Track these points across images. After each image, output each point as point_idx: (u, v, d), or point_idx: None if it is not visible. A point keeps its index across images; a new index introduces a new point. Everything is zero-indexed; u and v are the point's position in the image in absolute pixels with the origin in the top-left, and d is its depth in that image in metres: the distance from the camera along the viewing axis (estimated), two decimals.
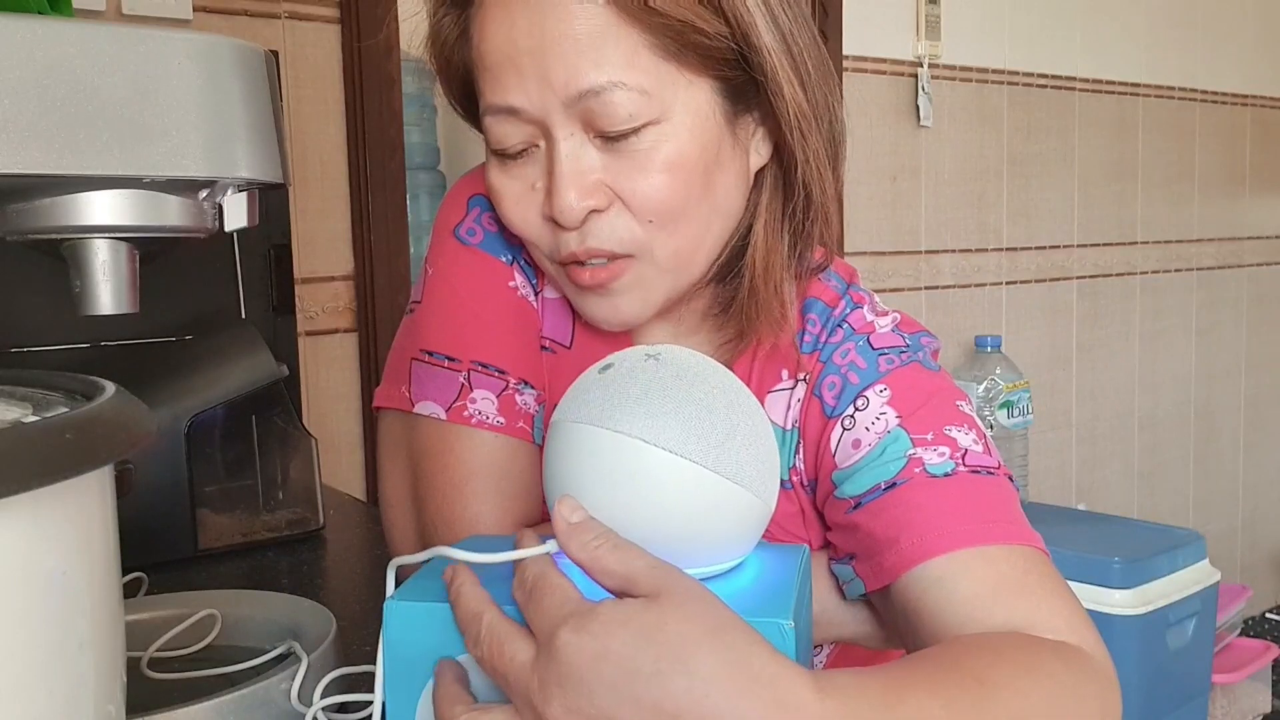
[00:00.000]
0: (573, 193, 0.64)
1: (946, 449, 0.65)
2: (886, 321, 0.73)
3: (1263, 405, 3.40)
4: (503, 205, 0.69)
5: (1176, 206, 3.08)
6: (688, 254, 0.68)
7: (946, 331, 2.53)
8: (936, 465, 0.64)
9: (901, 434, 0.66)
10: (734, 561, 0.53)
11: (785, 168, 0.69)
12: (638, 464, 0.49)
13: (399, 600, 0.50)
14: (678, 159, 0.64)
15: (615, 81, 0.62)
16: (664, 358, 0.53)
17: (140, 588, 0.88)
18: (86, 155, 0.41)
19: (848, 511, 0.67)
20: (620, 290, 0.67)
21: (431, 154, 2.47)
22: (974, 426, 0.67)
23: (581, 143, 0.64)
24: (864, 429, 0.67)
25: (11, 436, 0.37)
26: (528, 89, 0.63)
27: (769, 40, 0.65)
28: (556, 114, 0.64)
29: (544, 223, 0.67)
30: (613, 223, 0.65)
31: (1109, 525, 2.28)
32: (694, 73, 0.64)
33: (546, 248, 0.68)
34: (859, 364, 0.70)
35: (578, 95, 0.62)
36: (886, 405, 0.67)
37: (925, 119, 2.43)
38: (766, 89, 0.66)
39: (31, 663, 0.39)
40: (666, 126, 0.64)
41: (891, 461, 0.65)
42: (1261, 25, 3.25)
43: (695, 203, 0.66)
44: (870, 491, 0.65)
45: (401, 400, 0.75)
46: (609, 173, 0.64)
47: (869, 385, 0.69)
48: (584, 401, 0.52)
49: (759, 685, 0.42)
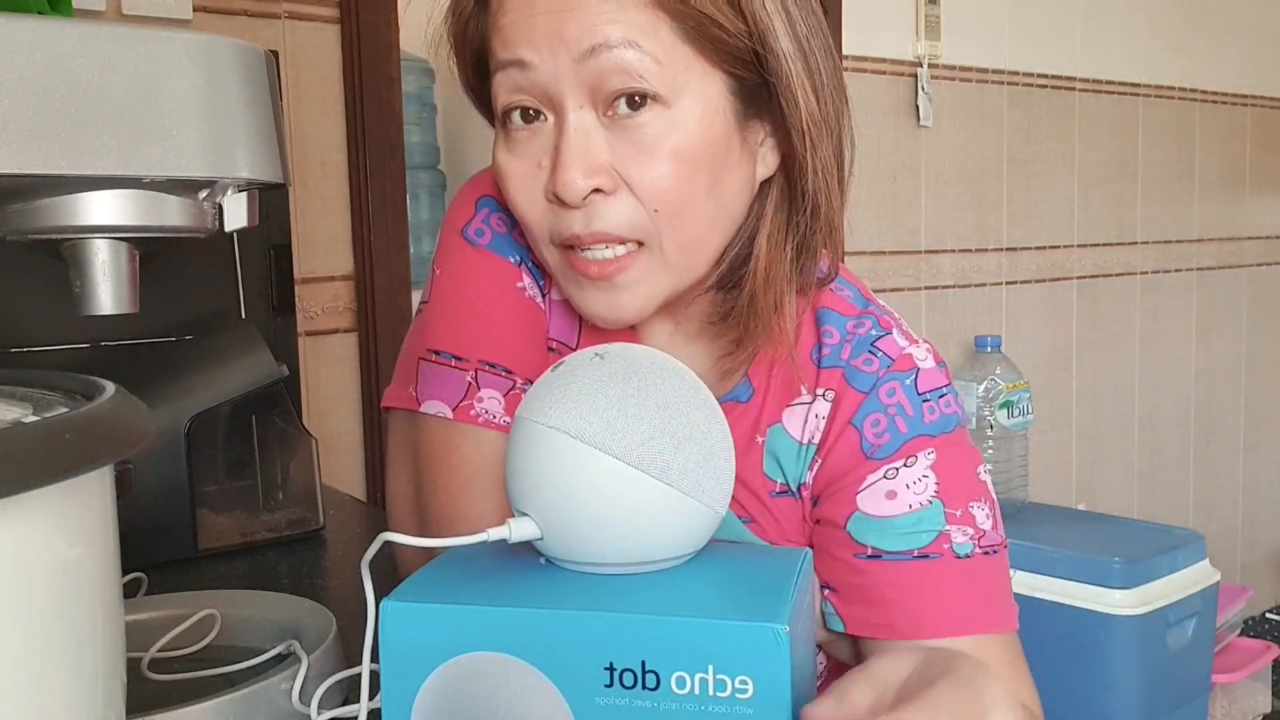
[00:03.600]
0: (577, 168, 0.64)
1: (970, 529, 0.70)
2: (923, 353, 0.73)
3: (1263, 405, 3.40)
4: (508, 184, 0.68)
5: (1176, 206, 3.08)
6: (692, 250, 0.67)
7: (946, 331, 2.53)
8: (961, 545, 0.69)
9: (939, 507, 0.69)
10: (674, 560, 0.53)
11: (792, 180, 0.69)
12: (562, 458, 0.50)
13: (397, 600, 0.50)
14: (685, 148, 0.64)
15: (630, 40, 0.62)
16: (610, 356, 0.53)
17: (140, 588, 0.88)
18: (86, 155, 0.41)
19: (859, 555, 0.69)
20: (624, 285, 0.67)
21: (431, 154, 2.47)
22: (988, 498, 0.72)
23: (591, 119, 0.64)
24: (904, 485, 0.70)
25: (11, 436, 0.36)
26: (539, 45, 0.63)
27: (786, 46, 0.65)
28: (567, 78, 0.63)
29: (547, 204, 0.66)
30: (619, 207, 0.65)
31: (1109, 525, 2.28)
32: (709, 63, 0.64)
33: (548, 230, 0.67)
34: (906, 409, 0.71)
35: (590, 50, 0.62)
36: (930, 470, 0.70)
37: (925, 119, 2.43)
38: (779, 95, 0.66)
39: (31, 663, 0.39)
40: (676, 113, 0.64)
41: (925, 532, 0.69)
42: (1262, 25, 3.25)
43: (702, 198, 0.66)
44: (899, 553, 0.69)
45: (409, 400, 0.74)
46: (616, 155, 0.64)
47: (916, 438, 0.71)
48: (530, 397, 0.53)
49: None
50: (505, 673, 0.48)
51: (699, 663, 0.46)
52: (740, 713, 0.46)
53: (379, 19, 1.66)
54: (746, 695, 0.46)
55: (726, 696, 0.46)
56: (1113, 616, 1.93)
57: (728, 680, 0.46)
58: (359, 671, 0.66)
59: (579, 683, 0.47)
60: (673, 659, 0.46)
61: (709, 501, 0.52)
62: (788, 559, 0.55)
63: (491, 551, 0.54)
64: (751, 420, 0.73)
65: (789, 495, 0.73)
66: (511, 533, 0.51)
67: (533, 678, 0.48)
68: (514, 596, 0.49)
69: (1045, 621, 1.96)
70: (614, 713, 0.47)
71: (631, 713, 0.47)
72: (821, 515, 0.72)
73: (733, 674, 0.46)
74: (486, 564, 0.54)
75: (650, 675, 0.46)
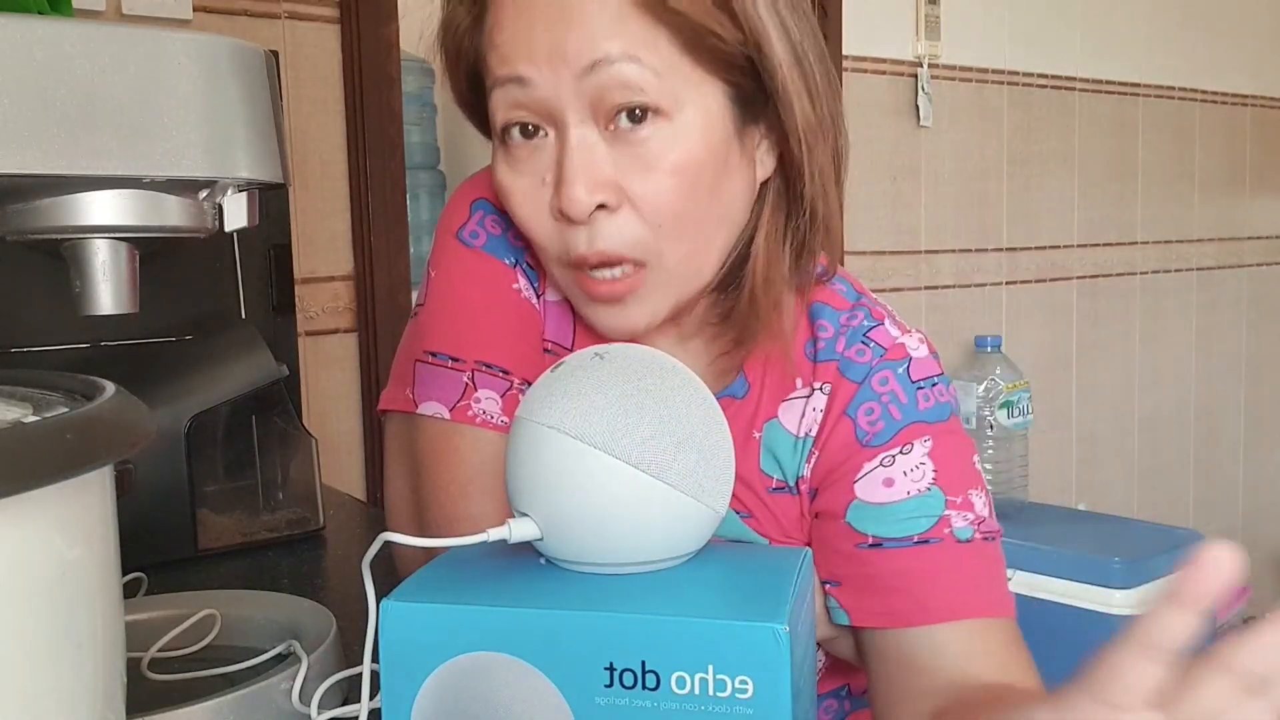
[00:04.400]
0: (581, 184, 0.64)
1: (970, 515, 0.70)
2: (915, 342, 0.74)
3: (1263, 405, 3.40)
4: (511, 202, 0.68)
5: (1176, 206, 3.08)
6: (696, 261, 0.68)
7: (946, 331, 2.53)
8: (962, 530, 0.69)
9: (938, 493, 0.69)
10: (674, 560, 0.53)
11: (789, 180, 0.70)
12: (562, 458, 0.50)
13: (397, 600, 0.50)
14: (688, 161, 0.64)
15: (630, 54, 0.62)
16: (610, 356, 0.53)
17: (140, 588, 0.88)
18: (86, 155, 0.41)
19: (860, 545, 0.69)
20: (632, 302, 0.68)
21: (431, 154, 2.47)
22: (983, 486, 0.72)
23: (593, 134, 0.64)
24: (902, 473, 0.70)
25: (11, 436, 0.37)
26: (538, 62, 0.63)
27: (781, 51, 0.65)
28: (568, 94, 0.63)
29: (553, 222, 0.67)
30: (621, 225, 0.65)
31: (1109, 525, 2.28)
32: (706, 72, 0.65)
33: (556, 249, 0.68)
34: (900, 397, 0.71)
35: (590, 65, 0.62)
36: (927, 457, 0.70)
37: (925, 119, 2.43)
38: (776, 100, 0.66)
39: (31, 663, 0.39)
40: (678, 125, 0.64)
41: (925, 517, 0.69)
42: (1262, 25, 3.25)
43: (704, 208, 0.66)
44: (899, 540, 0.69)
45: (405, 402, 0.75)
46: (619, 170, 0.64)
47: (911, 425, 0.71)
48: (530, 398, 0.53)
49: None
50: (505, 673, 0.48)
51: (699, 663, 0.46)
52: (740, 713, 0.46)
53: (379, 19, 1.66)
54: (746, 695, 0.46)
55: (726, 696, 0.46)
56: (1113, 616, 1.93)
57: (728, 680, 0.46)
58: (359, 671, 0.66)
59: (579, 683, 0.47)
60: (673, 659, 0.46)
61: (709, 501, 0.52)
62: (787, 559, 0.55)
63: (491, 551, 0.54)
64: (748, 416, 0.74)
65: (786, 491, 0.73)
66: (511, 533, 0.51)
67: (533, 678, 0.48)
68: (514, 596, 0.49)
69: (1045, 621, 1.96)
70: (614, 713, 0.47)
71: (631, 713, 0.47)
72: (821, 508, 0.72)
73: (733, 674, 0.46)
74: (486, 564, 0.54)
75: (650, 675, 0.46)
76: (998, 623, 0.68)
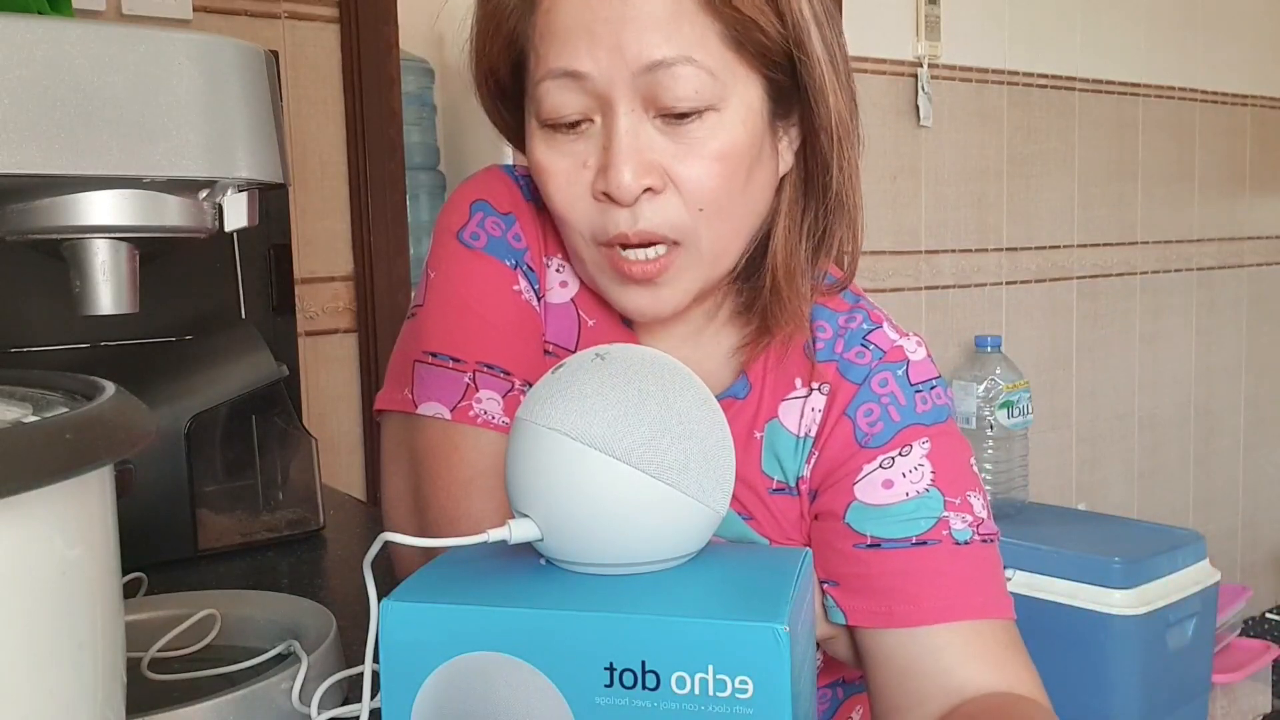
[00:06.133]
0: (629, 168, 0.65)
1: (968, 517, 0.70)
2: (913, 345, 0.75)
3: (1263, 405, 3.40)
4: (549, 184, 0.69)
5: (1176, 206, 3.08)
6: (725, 246, 0.70)
7: (946, 331, 2.53)
8: (960, 531, 0.70)
9: (937, 494, 0.70)
10: (674, 560, 0.53)
11: (810, 175, 0.72)
12: (563, 460, 0.50)
13: (397, 600, 0.50)
14: (731, 149, 0.66)
15: (686, 56, 0.64)
16: (610, 357, 0.53)
17: (140, 588, 0.88)
18: (86, 155, 0.41)
19: (859, 545, 0.70)
20: (665, 283, 0.69)
21: (431, 154, 2.47)
22: (980, 489, 0.73)
23: (641, 120, 0.65)
24: (901, 474, 0.71)
25: (11, 436, 0.36)
26: (598, 56, 0.64)
27: (819, 49, 0.67)
28: (622, 86, 0.64)
29: (593, 202, 0.68)
30: (665, 207, 0.66)
31: (1109, 525, 2.28)
32: (748, 67, 0.67)
33: (591, 229, 0.68)
34: (899, 399, 0.73)
35: (648, 66, 0.64)
36: (926, 459, 0.71)
37: (925, 119, 2.43)
38: (810, 96, 0.68)
39: (31, 663, 0.39)
40: (724, 115, 0.66)
41: (924, 519, 0.69)
42: (1261, 25, 3.25)
43: (739, 195, 0.68)
44: (898, 540, 0.69)
45: (404, 403, 0.74)
46: (665, 155, 0.66)
47: (910, 427, 0.72)
48: (530, 399, 0.53)
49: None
50: (505, 673, 0.48)
51: (699, 663, 0.46)
52: (740, 713, 0.46)
53: (379, 19, 1.66)
54: (746, 695, 0.46)
55: (726, 696, 0.46)
56: (1113, 616, 1.93)
57: (728, 680, 0.46)
58: (359, 671, 0.66)
59: (579, 683, 0.47)
60: (673, 659, 0.46)
61: (709, 502, 0.52)
62: (787, 559, 0.55)
63: (491, 552, 0.54)
64: (749, 416, 0.74)
65: (787, 493, 0.74)
66: (512, 534, 0.51)
67: (533, 678, 0.48)
68: (514, 596, 0.49)
69: (1045, 621, 1.96)
70: (614, 713, 0.47)
71: (631, 713, 0.47)
72: (820, 509, 0.73)
73: (733, 674, 0.46)
74: (487, 564, 0.54)
75: (650, 675, 0.46)
76: (996, 624, 0.69)
